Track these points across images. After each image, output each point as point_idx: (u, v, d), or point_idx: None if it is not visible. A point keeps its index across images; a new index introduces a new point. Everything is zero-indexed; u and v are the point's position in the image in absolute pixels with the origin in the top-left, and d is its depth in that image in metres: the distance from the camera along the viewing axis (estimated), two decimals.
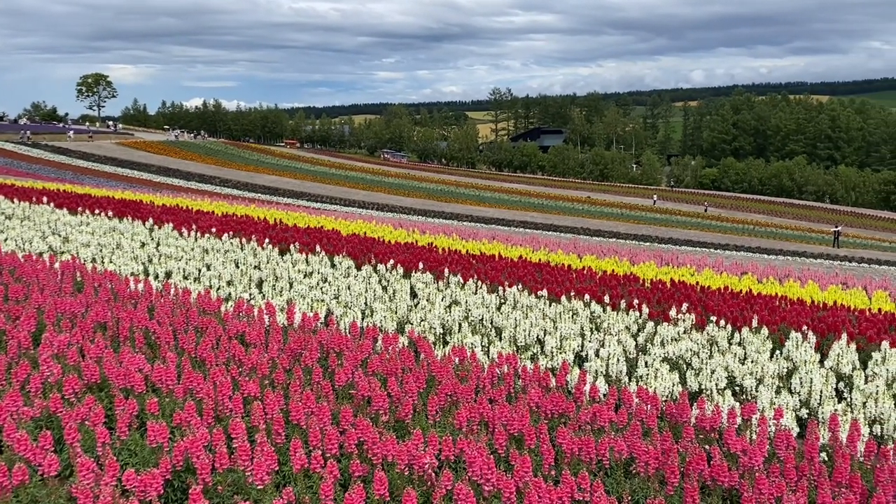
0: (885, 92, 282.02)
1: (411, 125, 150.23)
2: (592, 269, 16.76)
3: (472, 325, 10.44)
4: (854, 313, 13.37)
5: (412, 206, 53.35)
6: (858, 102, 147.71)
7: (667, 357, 9.62)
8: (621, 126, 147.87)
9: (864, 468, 6.17)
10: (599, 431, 6.35)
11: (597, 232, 43.82)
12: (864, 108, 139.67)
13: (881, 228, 73.97)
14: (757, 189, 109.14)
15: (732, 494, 5.54)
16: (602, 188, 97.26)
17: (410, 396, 6.48)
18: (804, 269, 22.83)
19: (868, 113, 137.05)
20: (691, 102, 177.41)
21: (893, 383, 9.10)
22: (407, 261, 15.06)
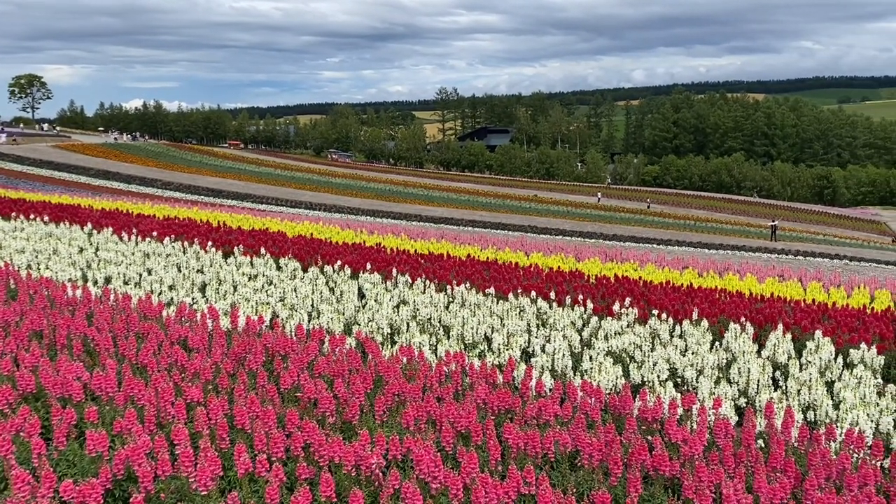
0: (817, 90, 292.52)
1: (358, 125, 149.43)
2: (539, 267, 16.97)
3: (421, 325, 10.47)
4: (790, 304, 13.85)
5: (360, 206, 53.08)
6: (792, 100, 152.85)
7: (611, 351, 9.80)
8: (566, 125, 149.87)
9: (798, 453, 6.40)
10: (545, 426, 6.44)
11: (544, 230, 44.31)
12: (798, 106, 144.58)
13: (815, 222, 76.66)
14: (697, 185, 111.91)
15: (674, 483, 5.68)
16: (548, 186, 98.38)
17: (357, 397, 6.46)
18: (743, 263, 23.53)
19: (801, 111, 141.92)
20: (633, 102, 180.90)
21: (826, 371, 9.45)
22: (355, 261, 14.99)
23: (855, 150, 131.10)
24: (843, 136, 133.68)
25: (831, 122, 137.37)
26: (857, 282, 18.23)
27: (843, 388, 8.39)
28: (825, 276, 19.64)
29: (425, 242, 20.60)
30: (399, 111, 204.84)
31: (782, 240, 48.64)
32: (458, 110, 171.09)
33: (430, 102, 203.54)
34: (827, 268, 27.78)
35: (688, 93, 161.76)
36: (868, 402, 7.98)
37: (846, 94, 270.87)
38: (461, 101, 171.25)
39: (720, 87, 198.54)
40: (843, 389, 8.32)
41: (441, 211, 54.62)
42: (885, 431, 7.42)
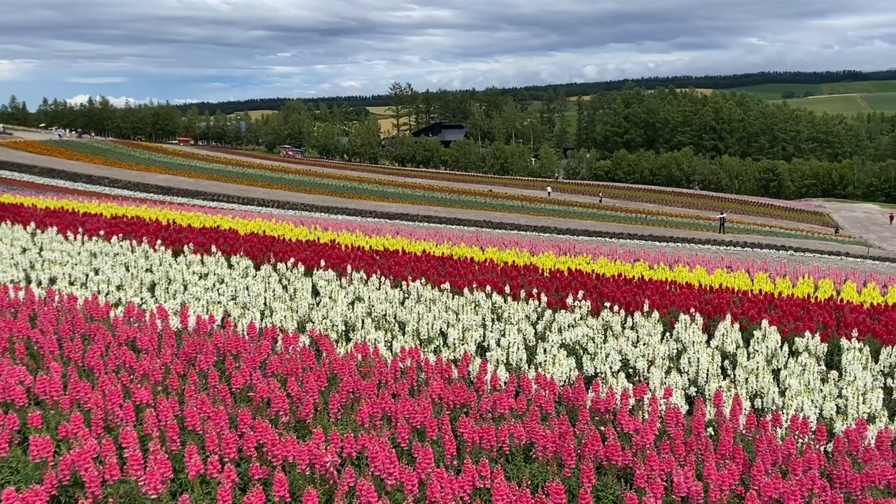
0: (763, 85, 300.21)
1: (311, 120, 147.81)
2: (494, 261, 17.06)
3: (376, 321, 10.42)
4: (738, 295, 14.19)
5: (314, 202, 52.57)
6: (739, 95, 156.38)
7: (564, 343, 9.91)
8: (519, 120, 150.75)
9: (746, 440, 6.56)
10: (500, 419, 6.48)
11: (499, 224, 44.54)
12: (744, 101, 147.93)
13: (762, 214, 78.62)
14: (648, 179, 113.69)
15: (626, 472, 5.77)
16: (503, 181, 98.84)
17: (311, 396, 6.40)
18: (693, 255, 24.00)
19: (748, 105, 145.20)
20: (585, 97, 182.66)
21: (772, 359, 9.71)
22: (308, 259, 14.85)
23: (799, 143, 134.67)
24: (787, 130, 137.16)
25: (776, 116, 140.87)
26: (802, 272, 18.77)
27: (789, 375, 8.63)
28: (771, 266, 20.17)
29: (380, 238, 20.51)
30: (353, 106, 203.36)
31: (730, 232, 49.78)
32: (413, 106, 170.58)
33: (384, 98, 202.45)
34: (773, 259, 28.55)
35: (638, 88, 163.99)
36: (812, 388, 8.22)
37: (790, 90, 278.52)
38: (415, 96, 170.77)
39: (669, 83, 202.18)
40: (788, 377, 8.56)
41: (396, 207, 54.44)
42: (828, 417, 7.66)
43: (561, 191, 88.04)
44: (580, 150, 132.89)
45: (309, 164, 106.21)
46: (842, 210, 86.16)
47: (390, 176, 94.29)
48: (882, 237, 58.06)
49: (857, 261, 34.34)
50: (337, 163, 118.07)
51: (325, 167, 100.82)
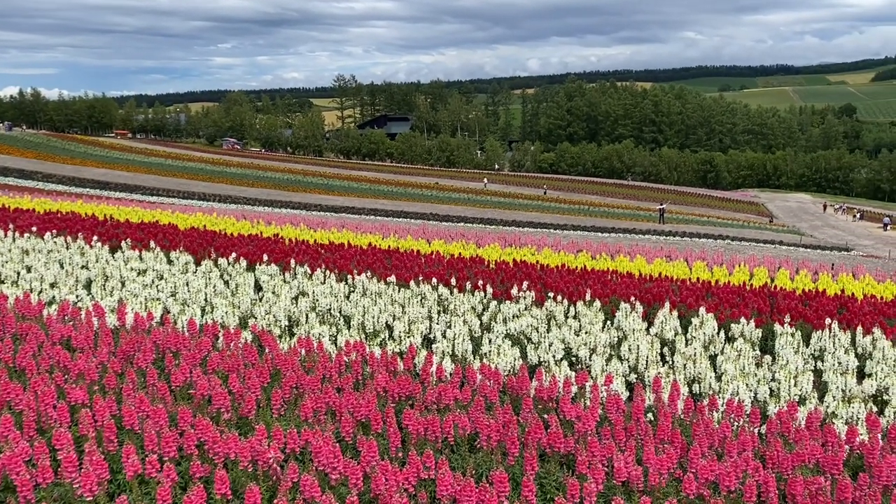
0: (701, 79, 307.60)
1: (253, 113, 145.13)
2: (441, 254, 17.10)
3: (320, 315, 10.34)
4: (676, 283, 14.55)
5: (257, 196, 51.73)
6: (677, 89, 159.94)
7: (509, 333, 10.01)
8: (464, 113, 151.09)
9: (684, 424, 6.74)
10: (445, 410, 6.51)
11: (445, 217, 44.62)
12: (683, 94, 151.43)
13: (700, 204, 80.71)
14: (591, 171, 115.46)
15: (569, 459, 5.86)
16: (449, 174, 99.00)
17: (253, 392, 6.32)
18: (633, 245, 24.51)
19: (686, 98, 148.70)
20: (528, 90, 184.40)
21: (710, 345, 10.01)
22: (251, 253, 14.63)
23: (735, 135, 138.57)
24: (724, 122, 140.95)
25: (713, 109, 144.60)
26: (738, 260, 19.37)
27: (725, 360, 8.90)
28: (709, 255, 20.73)
29: (325, 232, 20.34)
30: (296, 98, 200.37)
31: (670, 222, 50.97)
32: (357, 98, 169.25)
33: (327, 90, 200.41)
34: (711, 248, 29.36)
35: (580, 81, 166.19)
36: (747, 373, 8.50)
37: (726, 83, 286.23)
38: (360, 88, 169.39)
39: (611, 76, 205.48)
40: (724, 362, 8.83)
41: (342, 200, 54.01)
42: (762, 400, 7.93)
43: (505, 182, 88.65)
44: (525, 143, 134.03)
45: (251, 157, 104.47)
46: (776, 200, 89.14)
47: (335, 169, 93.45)
48: (814, 226, 60.29)
49: (791, 249, 35.60)
50: (280, 156, 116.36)
51: (269, 160, 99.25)
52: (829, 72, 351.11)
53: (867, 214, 71.34)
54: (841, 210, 75.76)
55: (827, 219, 68.92)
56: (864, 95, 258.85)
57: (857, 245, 43.23)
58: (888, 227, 58.83)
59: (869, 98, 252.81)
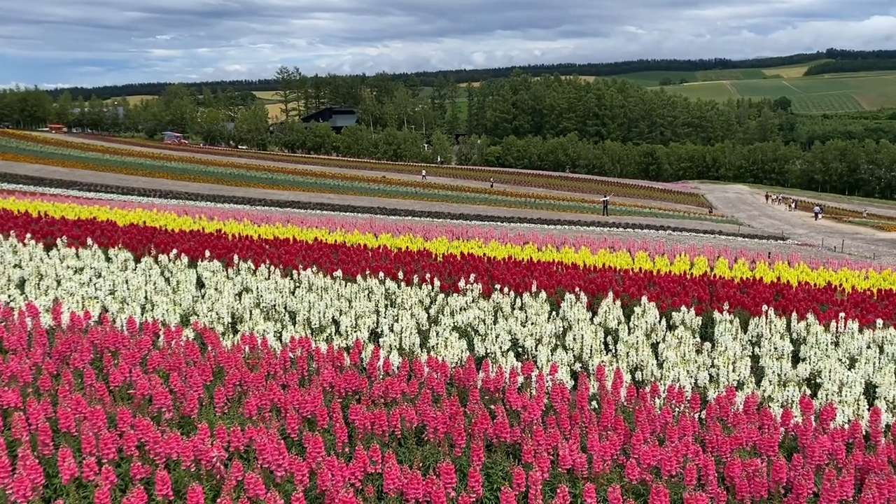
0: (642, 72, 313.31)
1: (194, 106, 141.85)
2: (388, 248, 17.04)
3: (265, 312, 10.19)
4: (620, 273, 14.81)
5: (199, 191, 50.62)
6: (619, 83, 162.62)
7: (456, 326, 10.05)
8: (411, 106, 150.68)
9: (627, 411, 6.88)
10: (392, 403, 6.50)
11: (393, 211, 44.43)
12: (625, 88, 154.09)
13: (642, 196, 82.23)
14: (536, 164, 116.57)
15: (515, 448, 5.92)
16: (396, 168, 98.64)
17: (195, 390, 6.19)
18: (578, 237, 24.84)
19: (628, 92, 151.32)
20: (474, 83, 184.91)
21: (651, 333, 10.22)
22: (192, 249, 14.32)
23: (675, 128, 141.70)
24: (664, 115, 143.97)
25: (654, 102, 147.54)
26: (679, 250, 19.83)
27: (667, 348, 9.10)
28: (651, 246, 21.17)
29: (270, 227, 20.04)
30: (238, 91, 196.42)
31: (613, 214, 51.83)
32: (301, 91, 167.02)
33: (271, 82, 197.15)
34: (653, 238, 29.98)
35: (525, 75, 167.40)
36: (687, 359, 8.71)
37: (667, 77, 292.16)
38: (304, 81, 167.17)
39: (555, 70, 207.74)
40: (666, 349, 9.03)
41: (287, 194, 53.24)
42: (702, 386, 8.15)
43: (453, 176, 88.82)
44: (471, 137, 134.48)
45: (193, 151, 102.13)
46: (715, 191, 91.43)
47: (280, 163, 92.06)
48: (751, 216, 62.08)
49: (729, 238, 36.60)
50: (223, 149, 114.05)
51: (211, 154, 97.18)
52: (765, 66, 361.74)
53: (801, 204, 73.85)
54: (777, 200, 78.29)
55: (764, 208, 71.08)
56: (797, 89, 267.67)
57: (793, 234, 44.71)
58: (819, 215, 61.13)
59: (802, 91, 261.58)
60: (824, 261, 20.34)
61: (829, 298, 13.07)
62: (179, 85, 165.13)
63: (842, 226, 54.85)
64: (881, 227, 54.11)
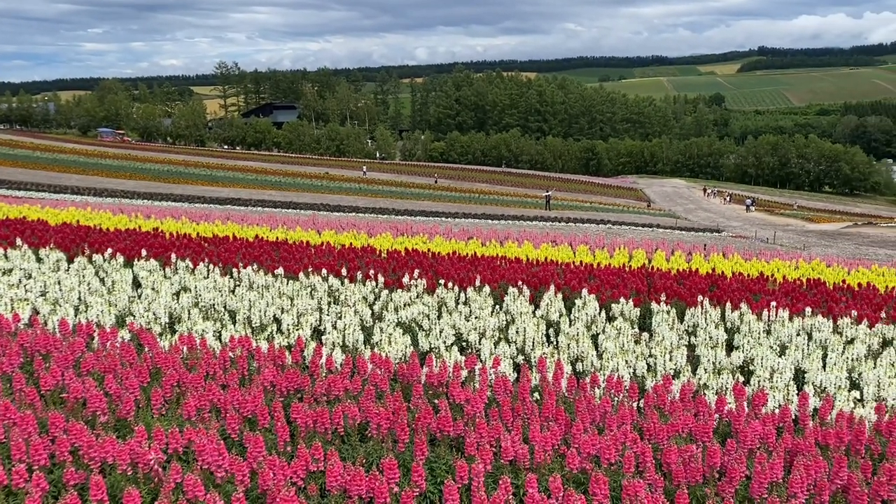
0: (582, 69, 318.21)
1: (129, 101, 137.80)
2: (331, 244, 16.91)
3: (204, 311, 10.00)
4: (561, 267, 15.04)
5: (135, 189, 49.23)
6: (560, 79, 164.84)
7: (401, 322, 10.05)
8: (353, 102, 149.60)
9: (568, 401, 7.00)
10: (335, 401, 6.46)
11: (336, 207, 44.05)
12: (565, 85, 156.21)
13: (583, 191, 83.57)
14: (480, 160, 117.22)
15: (459, 442, 5.96)
16: (340, 164, 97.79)
17: (132, 392, 6.04)
18: (522, 231, 25.13)
19: (568, 88, 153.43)
20: (417, 79, 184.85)
21: (592, 325, 10.41)
22: (128, 248, 13.95)
23: (615, 124, 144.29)
24: (604, 112, 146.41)
25: (594, 99, 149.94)
26: (619, 243, 20.23)
27: (606, 339, 9.29)
28: (592, 239, 21.56)
29: (209, 225, 19.66)
30: (175, 86, 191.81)
31: (555, 208, 52.54)
32: (241, 86, 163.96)
33: (209, 77, 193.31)
34: (593, 232, 30.52)
35: (468, 71, 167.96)
36: (626, 350, 8.91)
37: (606, 73, 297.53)
38: (243, 75, 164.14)
39: (497, 66, 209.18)
40: (605, 340, 9.22)
41: (227, 191, 52.26)
42: (640, 375, 8.34)
43: (397, 172, 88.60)
44: (415, 132, 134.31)
45: (129, 147, 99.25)
46: (653, 185, 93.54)
47: (219, 159, 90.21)
48: (688, 209, 63.75)
49: (667, 231, 37.51)
50: (160, 146, 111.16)
51: (148, 151, 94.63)
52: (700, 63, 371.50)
53: (735, 197, 76.18)
54: (713, 194, 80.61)
55: (700, 202, 73.08)
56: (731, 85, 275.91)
57: (727, 226, 46.08)
58: (750, 207, 63.29)
59: (735, 88, 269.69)
60: (757, 252, 21.04)
61: (761, 288, 13.53)
62: (113, 80, 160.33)
63: (774, 218, 56.82)
64: (810, 219, 56.31)
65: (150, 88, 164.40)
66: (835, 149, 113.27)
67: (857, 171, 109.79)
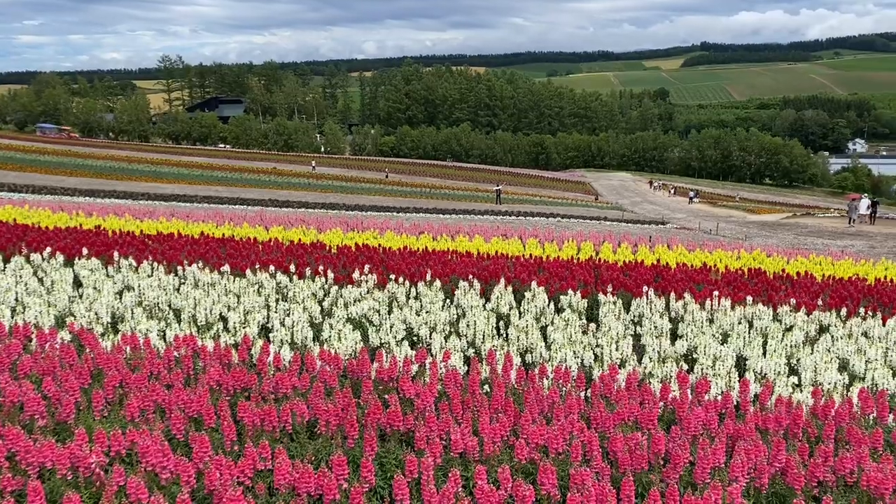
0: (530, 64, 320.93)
1: (69, 96, 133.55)
2: (279, 241, 16.70)
3: (148, 310, 9.78)
4: (511, 260, 15.15)
5: (77, 186, 47.73)
6: (509, 73, 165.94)
7: (351, 317, 9.99)
8: (301, 96, 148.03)
9: (517, 393, 7.07)
10: (283, 399, 6.40)
11: (285, 203, 43.51)
12: (514, 79, 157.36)
13: (533, 185, 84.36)
14: (430, 155, 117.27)
15: (409, 436, 5.97)
16: (288, 158, 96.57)
17: (72, 395, 5.88)
18: (472, 225, 25.23)
19: (517, 83, 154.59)
20: (366, 73, 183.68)
21: (541, 317, 10.53)
22: (68, 247, 13.53)
23: (563, 119, 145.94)
24: (552, 106, 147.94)
25: (542, 93, 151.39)
26: (567, 236, 20.49)
27: (555, 330, 9.41)
28: (541, 232, 21.77)
29: (153, 222, 19.21)
30: (117, 80, 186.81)
31: (506, 202, 52.91)
32: (185, 80, 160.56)
33: (152, 71, 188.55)
34: (543, 225, 30.85)
35: (417, 65, 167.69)
36: (574, 340, 9.04)
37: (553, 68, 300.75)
38: (187, 69, 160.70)
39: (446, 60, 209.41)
40: (554, 332, 9.33)
41: (172, 188, 51.13)
42: (588, 365, 8.48)
43: (348, 167, 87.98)
44: (365, 127, 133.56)
45: (70, 143, 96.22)
46: (600, 179, 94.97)
47: (164, 155, 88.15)
48: (634, 202, 64.88)
49: (614, 224, 38.12)
50: (102, 142, 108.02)
51: (89, 147, 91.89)
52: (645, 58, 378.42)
53: (679, 190, 77.85)
54: (658, 187, 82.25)
55: (646, 195, 74.46)
56: (675, 80, 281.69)
57: (672, 218, 47.06)
58: (693, 199, 64.85)
59: (679, 83, 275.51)
60: (701, 243, 21.55)
61: (704, 278, 13.86)
62: (51, 73, 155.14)
63: (717, 210, 58.24)
64: (752, 210, 57.90)
65: (91, 82, 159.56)
66: (774, 142, 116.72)
67: (796, 164, 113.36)
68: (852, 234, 35.25)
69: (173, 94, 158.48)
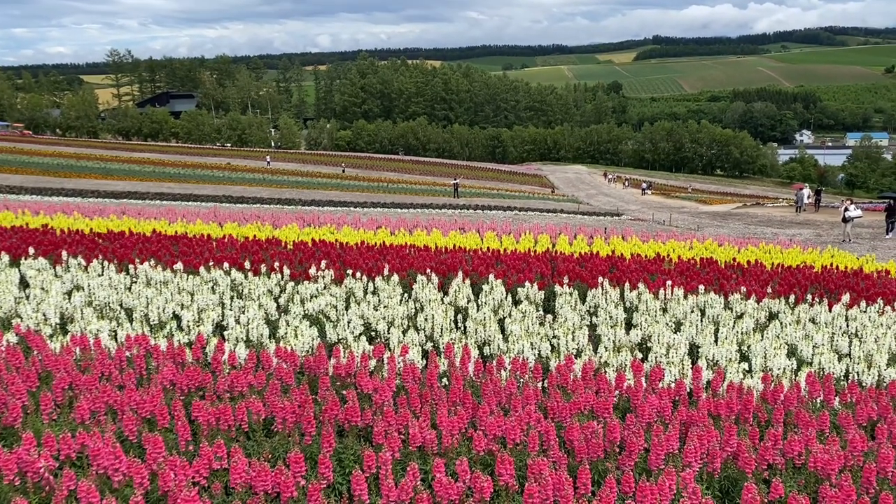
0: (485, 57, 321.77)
1: (12, 91, 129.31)
2: (234, 237, 16.48)
3: (98, 310, 9.56)
4: (469, 253, 15.19)
5: (22, 184, 46.32)
6: (465, 67, 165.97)
7: (307, 314, 9.91)
8: (255, 90, 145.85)
9: (475, 385, 7.10)
10: (239, 397, 6.32)
11: (240, 199, 42.89)
12: (470, 73, 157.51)
13: (490, 178, 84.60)
14: (387, 149, 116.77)
15: (368, 431, 5.95)
16: (242, 154, 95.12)
17: (19, 398, 5.71)
18: (431, 219, 25.19)
19: (473, 77, 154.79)
20: (321, 67, 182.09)
21: (499, 309, 10.58)
22: (14, 247, 13.16)
23: (519, 112, 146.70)
24: (508, 100, 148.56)
25: (498, 87, 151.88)
26: (524, 229, 20.63)
27: (512, 322, 9.47)
28: (499, 226, 21.87)
29: (103, 220, 18.77)
30: (63, 75, 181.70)
31: (464, 196, 52.98)
32: (135, 74, 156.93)
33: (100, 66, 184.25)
34: (500, 219, 30.99)
35: (372, 59, 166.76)
36: (531, 332, 9.10)
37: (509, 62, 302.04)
38: (137, 63, 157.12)
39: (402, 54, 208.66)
40: (511, 323, 9.39)
41: (123, 185, 49.96)
42: (545, 356, 8.55)
43: (303, 162, 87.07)
44: (320, 121, 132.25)
45: (14, 140, 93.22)
46: (556, 172, 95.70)
47: (114, 151, 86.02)
48: (590, 194, 65.60)
49: (570, 216, 38.50)
50: (48, 138, 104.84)
51: (35, 143, 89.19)
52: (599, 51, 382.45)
53: (633, 182, 78.98)
54: (613, 179, 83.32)
55: (601, 187, 75.35)
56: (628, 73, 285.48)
57: (627, 210, 47.71)
58: (646, 191, 65.90)
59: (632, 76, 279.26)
60: (654, 234, 21.90)
61: (658, 268, 14.10)
62: None
63: (670, 201, 59.24)
64: (704, 201, 59.04)
65: (36, 77, 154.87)
66: (725, 134, 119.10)
67: (746, 155, 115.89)
68: (800, 222, 36.21)
69: (122, 89, 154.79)
